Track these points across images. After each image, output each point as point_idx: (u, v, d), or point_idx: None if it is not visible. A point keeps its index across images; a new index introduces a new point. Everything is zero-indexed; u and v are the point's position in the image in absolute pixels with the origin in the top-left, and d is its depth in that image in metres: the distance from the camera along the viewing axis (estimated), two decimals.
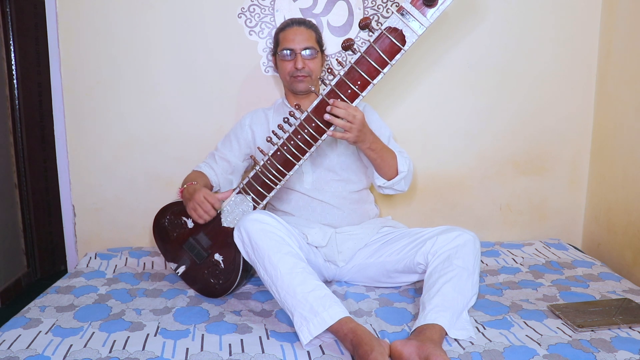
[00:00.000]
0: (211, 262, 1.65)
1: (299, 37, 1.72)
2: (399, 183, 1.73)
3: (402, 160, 1.71)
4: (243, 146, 1.86)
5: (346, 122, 1.50)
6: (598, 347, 1.29)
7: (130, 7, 2.05)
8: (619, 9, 2.05)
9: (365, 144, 1.60)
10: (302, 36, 1.72)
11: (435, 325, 1.33)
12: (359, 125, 1.52)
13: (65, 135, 2.13)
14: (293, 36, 1.72)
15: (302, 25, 1.75)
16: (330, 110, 1.49)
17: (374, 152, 1.64)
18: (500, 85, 2.18)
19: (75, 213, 2.17)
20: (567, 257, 2.01)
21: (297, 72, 1.72)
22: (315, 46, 1.74)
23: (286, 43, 1.72)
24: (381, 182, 1.72)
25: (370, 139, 1.61)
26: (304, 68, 1.71)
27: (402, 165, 1.71)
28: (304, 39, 1.72)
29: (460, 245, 1.52)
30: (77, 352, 1.29)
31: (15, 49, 2.68)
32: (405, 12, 1.41)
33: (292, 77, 1.73)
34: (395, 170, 1.71)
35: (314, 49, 1.73)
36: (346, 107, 1.49)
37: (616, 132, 2.08)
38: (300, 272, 1.40)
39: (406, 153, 1.79)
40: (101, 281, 1.77)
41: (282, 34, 1.75)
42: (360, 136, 1.55)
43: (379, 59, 1.44)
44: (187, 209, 1.65)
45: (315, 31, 1.78)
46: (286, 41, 1.73)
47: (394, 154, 1.71)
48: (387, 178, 1.71)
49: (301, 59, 1.71)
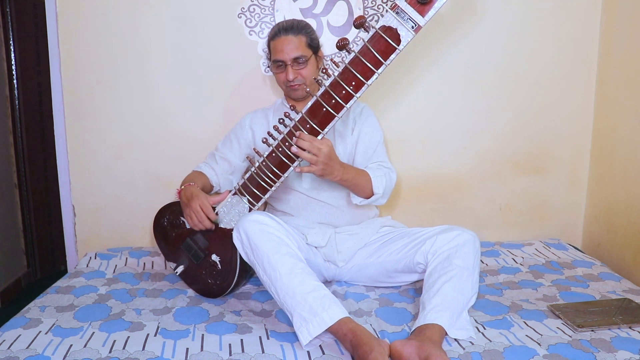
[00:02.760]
0: (208, 262, 1.65)
1: (287, 47, 1.67)
2: (375, 202, 1.73)
3: (377, 182, 1.69)
4: (243, 146, 1.86)
5: (312, 155, 1.49)
6: (598, 347, 1.29)
7: (130, 7, 2.05)
8: (619, 9, 2.05)
9: (333, 176, 1.57)
10: (291, 45, 1.68)
11: (435, 325, 1.33)
12: (324, 159, 1.50)
13: (65, 135, 2.13)
14: (281, 46, 1.68)
15: (289, 33, 1.69)
16: (295, 142, 1.49)
17: (346, 182, 1.62)
18: (500, 85, 2.18)
19: (75, 213, 2.17)
20: (567, 257, 2.01)
21: (290, 83, 1.71)
22: (305, 52, 1.69)
23: (276, 54, 1.70)
24: (357, 201, 1.72)
25: (339, 172, 1.57)
26: (296, 78, 1.70)
27: (378, 188, 1.69)
28: (293, 48, 1.68)
29: (460, 244, 1.52)
30: (77, 352, 1.29)
31: (15, 49, 2.68)
32: (400, 10, 1.36)
33: (287, 86, 1.73)
34: (370, 191, 1.69)
35: (304, 57, 1.69)
36: (311, 140, 1.48)
37: (616, 132, 2.08)
38: (299, 273, 1.40)
39: (388, 163, 1.77)
40: (101, 281, 1.77)
41: (273, 44, 1.72)
42: (327, 169, 1.53)
43: (374, 59, 1.40)
44: (184, 214, 1.66)
45: (306, 34, 1.71)
46: (276, 52, 1.70)
47: (368, 177, 1.68)
48: (364, 197, 1.71)
49: (292, 70, 1.68)
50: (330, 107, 1.47)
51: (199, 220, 1.60)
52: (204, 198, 1.61)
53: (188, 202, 1.63)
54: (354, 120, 1.81)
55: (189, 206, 1.62)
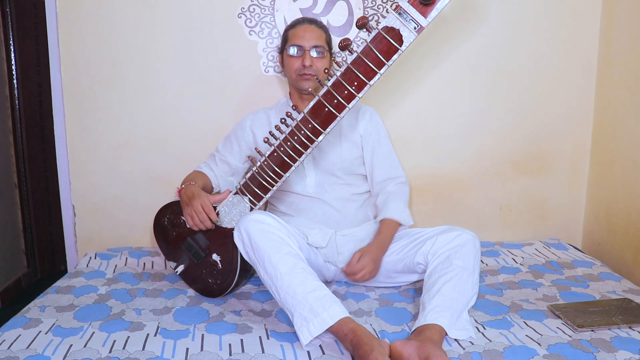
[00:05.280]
0: (209, 262, 1.65)
1: (308, 35, 1.69)
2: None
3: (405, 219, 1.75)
4: (244, 148, 1.84)
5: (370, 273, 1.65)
6: (598, 347, 1.29)
7: (130, 7, 2.05)
8: (619, 9, 2.05)
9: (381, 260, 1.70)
10: (313, 34, 1.70)
11: (435, 325, 1.33)
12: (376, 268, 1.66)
13: (65, 135, 2.13)
14: (303, 33, 1.70)
15: (313, 24, 1.73)
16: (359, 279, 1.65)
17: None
18: (500, 85, 2.18)
19: (75, 213, 2.17)
20: (567, 257, 2.01)
21: (304, 70, 1.68)
22: (324, 45, 1.72)
23: (295, 39, 1.70)
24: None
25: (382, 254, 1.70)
26: (311, 66, 1.68)
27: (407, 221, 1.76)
28: (314, 37, 1.70)
29: (460, 245, 1.52)
30: (77, 352, 1.29)
31: (15, 49, 2.68)
32: (402, 11, 1.37)
33: (299, 74, 1.70)
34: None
35: (323, 48, 1.70)
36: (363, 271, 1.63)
37: (616, 132, 2.08)
38: (300, 273, 1.40)
39: (402, 173, 1.84)
40: (101, 281, 1.77)
41: (292, 31, 1.73)
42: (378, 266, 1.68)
43: (376, 59, 1.41)
44: (184, 213, 1.64)
45: (326, 32, 1.76)
46: (295, 37, 1.70)
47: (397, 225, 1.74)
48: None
49: (309, 57, 1.68)
50: (332, 107, 1.47)
51: (201, 220, 1.59)
52: (205, 197, 1.60)
53: (189, 201, 1.62)
54: (361, 121, 1.80)
55: (190, 205, 1.61)
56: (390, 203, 1.75)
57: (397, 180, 1.81)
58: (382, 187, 1.79)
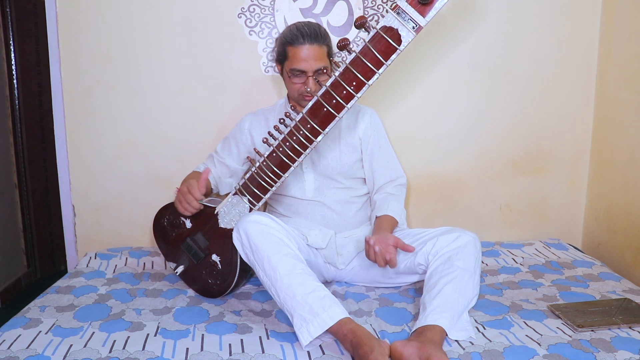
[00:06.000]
0: (209, 262, 1.65)
1: (311, 59, 1.60)
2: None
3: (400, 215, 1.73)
4: (242, 150, 1.83)
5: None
6: (598, 347, 1.29)
7: (130, 8, 2.05)
8: (619, 9, 2.05)
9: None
10: (315, 55, 1.60)
11: (436, 326, 1.32)
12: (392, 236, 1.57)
13: (65, 135, 2.13)
14: (306, 56, 1.60)
15: (314, 43, 1.60)
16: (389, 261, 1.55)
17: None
18: (500, 85, 2.18)
19: (75, 213, 2.17)
20: (567, 257, 2.01)
21: (307, 93, 1.64)
22: (326, 63, 1.63)
23: (297, 63, 1.61)
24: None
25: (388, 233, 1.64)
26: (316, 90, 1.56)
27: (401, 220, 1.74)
28: (317, 58, 1.60)
29: (461, 246, 1.52)
30: (77, 352, 1.29)
31: (15, 49, 2.68)
32: (400, 10, 1.36)
33: (300, 94, 1.66)
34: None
35: (325, 68, 1.62)
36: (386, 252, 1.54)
37: (616, 132, 2.08)
38: (299, 274, 1.40)
39: (402, 173, 1.83)
40: (101, 281, 1.77)
41: (293, 51, 1.61)
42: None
43: (375, 59, 1.40)
44: (175, 203, 1.67)
45: (327, 44, 1.65)
46: (297, 60, 1.61)
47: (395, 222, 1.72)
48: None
49: (313, 82, 1.61)
50: (331, 107, 1.47)
51: (187, 201, 1.60)
52: (192, 181, 1.63)
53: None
54: (361, 123, 1.79)
55: (179, 191, 1.64)
56: (391, 202, 1.75)
57: (397, 181, 1.81)
58: (382, 189, 1.80)
